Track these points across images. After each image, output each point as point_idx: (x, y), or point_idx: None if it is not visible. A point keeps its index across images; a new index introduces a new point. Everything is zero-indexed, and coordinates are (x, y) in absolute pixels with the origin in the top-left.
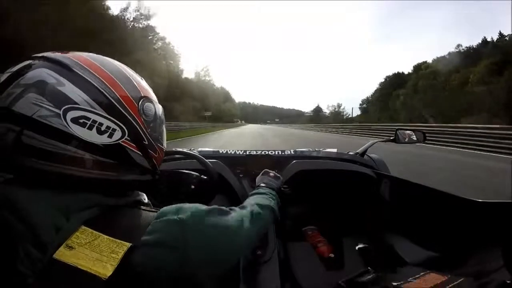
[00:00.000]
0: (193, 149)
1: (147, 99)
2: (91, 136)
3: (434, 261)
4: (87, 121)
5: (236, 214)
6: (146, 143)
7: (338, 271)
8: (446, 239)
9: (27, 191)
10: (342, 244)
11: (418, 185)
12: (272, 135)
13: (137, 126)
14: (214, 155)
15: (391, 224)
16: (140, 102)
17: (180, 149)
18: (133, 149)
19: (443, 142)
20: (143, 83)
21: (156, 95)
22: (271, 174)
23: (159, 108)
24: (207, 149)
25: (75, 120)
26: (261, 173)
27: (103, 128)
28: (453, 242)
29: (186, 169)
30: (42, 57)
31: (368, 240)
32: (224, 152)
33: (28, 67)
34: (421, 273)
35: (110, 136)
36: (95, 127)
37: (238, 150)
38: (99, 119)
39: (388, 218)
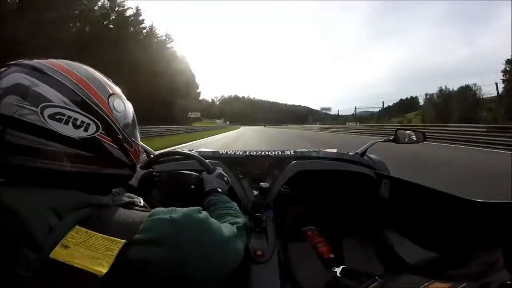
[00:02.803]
0: (193, 150)
1: (116, 96)
2: (68, 130)
3: (434, 261)
4: (62, 117)
5: (224, 225)
6: (120, 137)
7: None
8: (446, 240)
9: (18, 192)
10: (342, 244)
11: (418, 185)
12: None
13: (110, 121)
14: (214, 155)
15: (391, 224)
16: (109, 99)
17: (180, 150)
18: (109, 142)
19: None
20: (112, 84)
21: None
22: (225, 178)
23: (129, 105)
24: (206, 149)
25: (51, 116)
26: (216, 174)
27: (78, 123)
28: (453, 243)
29: (186, 170)
30: (16, 63)
31: (369, 240)
32: (224, 152)
33: (4, 73)
34: (425, 284)
35: (86, 130)
36: (70, 122)
37: (238, 151)
38: (73, 114)
39: (388, 219)
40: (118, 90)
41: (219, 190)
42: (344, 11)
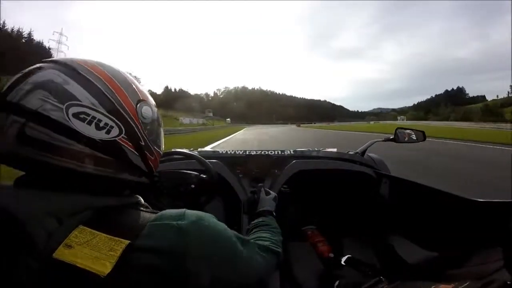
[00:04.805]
0: (193, 150)
1: (145, 102)
2: (90, 131)
3: (434, 261)
4: (87, 117)
5: (240, 239)
6: (143, 143)
7: (338, 270)
8: (446, 239)
9: (18, 196)
10: (342, 243)
11: (418, 185)
12: None
13: (134, 126)
14: (214, 155)
15: (391, 223)
16: (138, 105)
17: (180, 150)
18: (130, 148)
19: None
20: (142, 89)
21: None
22: (272, 195)
23: (156, 112)
24: (206, 149)
25: (76, 115)
26: (272, 197)
27: (101, 124)
28: (453, 242)
29: (186, 169)
30: (52, 61)
31: (369, 239)
32: (224, 152)
33: (39, 69)
34: (432, 287)
35: (108, 132)
36: (94, 123)
37: (237, 150)
38: (98, 115)
39: (388, 218)
40: (148, 95)
41: (274, 214)
42: (353, 6)
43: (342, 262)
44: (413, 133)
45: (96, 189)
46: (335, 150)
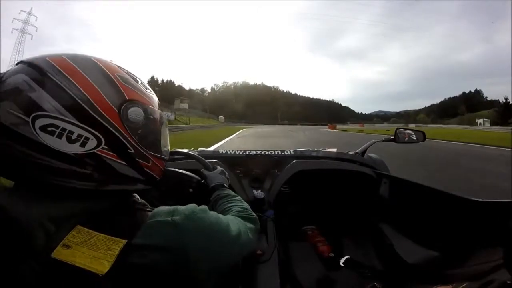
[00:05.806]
0: (193, 150)
1: (134, 103)
2: (61, 145)
3: (434, 261)
4: (55, 130)
5: (230, 219)
6: (132, 151)
7: (337, 270)
8: (446, 239)
9: (17, 201)
10: (342, 243)
11: (418, 185)
12: None
13: (118, 134)
14: (214, 155)
15: (391, 223)
16: (122, 107)
17: (180, 150)
18: (113, 159)
19: None
20: (134, 85)
21: None
22: (226, 175)
23: (153, 112)
24: (206, 149)
25: (43, 128)
26: (218, 171)
27: (73, 136)
28: (453, 242)
29: (186, 170)
30: (26, 61)
31: (368, 239)
32: (224, 152)
33: (12, 73)
34: None
35: (83, 145)
36: (64, 136)
37: (238, 150)
38: (69, 127)
39: (387, 218)
40: (141, 93)
41: (225, 185)
42: (357, 7)
43: (341, 264)
44: (413, 133)
45: (86, 198)
46: (335, 150)
